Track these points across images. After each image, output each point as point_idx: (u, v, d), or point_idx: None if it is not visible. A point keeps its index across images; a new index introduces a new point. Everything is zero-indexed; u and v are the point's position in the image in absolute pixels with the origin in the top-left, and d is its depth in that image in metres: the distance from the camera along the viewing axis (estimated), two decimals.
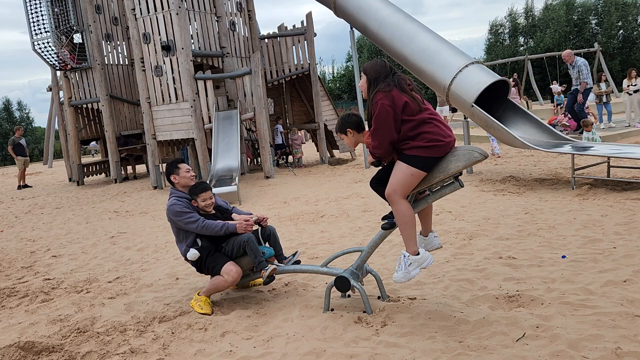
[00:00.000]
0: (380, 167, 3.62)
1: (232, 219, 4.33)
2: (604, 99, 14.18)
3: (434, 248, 3.71)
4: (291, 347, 3.33)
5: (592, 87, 12.24)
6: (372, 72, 3.38)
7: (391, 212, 3.55)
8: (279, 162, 14.25)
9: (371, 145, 3.40)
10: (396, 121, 3.25)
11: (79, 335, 3.79)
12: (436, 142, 3.25)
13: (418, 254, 3.39)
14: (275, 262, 4.23)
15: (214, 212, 4.32)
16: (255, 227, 4.27)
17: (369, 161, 3.61)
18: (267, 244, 4.33)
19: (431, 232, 3.71)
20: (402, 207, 3.35)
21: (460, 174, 3.40)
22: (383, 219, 3.67)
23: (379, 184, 3.55)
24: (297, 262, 4.28)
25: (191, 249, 4.14)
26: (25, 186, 15.51)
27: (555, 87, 21.49)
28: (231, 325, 3.79)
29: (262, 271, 4.01)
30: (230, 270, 4.02)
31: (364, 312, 3.69)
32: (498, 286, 4.04)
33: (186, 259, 4.22)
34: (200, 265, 4.20)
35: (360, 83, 3.49)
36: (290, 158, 14.55)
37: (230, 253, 4.11)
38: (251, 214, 4.42)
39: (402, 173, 3.31)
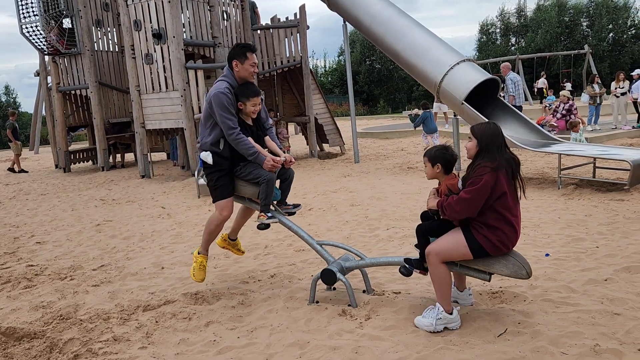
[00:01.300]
0: (432, 216, 3.46)
1: (264, 143, 4.10)
2: (598, 101, 14.33)
3: (466, 305, 3.63)
4: (275, 338, 3.34)
5: (520, 106, 12.50)
6: (482, 138, 3.18)
7: (417, 260, 3.46)
8: None
9: (450, 206, 3.17)
10: (486, 202, 3.11)
11: (62, 322, 3.77)
12: (503, 247, 3.16)
13: (451, 313, 3.29)
14: (275, 205, 4.17)
15: (251, 123, 4.05)
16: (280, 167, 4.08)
17: (428, 206, 3.39)
18: (278, 184, 4.18)
19: (466, 289, 3.65)
20: (441, 270, 3.26)
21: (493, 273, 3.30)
22: (406, 260, 3.55)
23: (424, 234, 3.40)
24: (292, 214, 4.22)
25: (209, 153, 3.90)
26: (22, 171, 15.39)
27: (568, 86, 21.94)
28: (215, 315, 3.79)
29: (262, 214, 3.96)
30: (227, 207, 3.98)
31: (349, 305, 3.71)
32: (482, 282, 4.07)
33: (200, 150, 4.00)
34: (207, 170, 4.02)
35: (469, 146, 3.24)
36: None
37: (243, 175, 3.96)
38: (282, 148, 4.20)
39: (456, 245, 3.20)
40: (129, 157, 16.29)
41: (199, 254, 4.24)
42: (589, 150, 7.80)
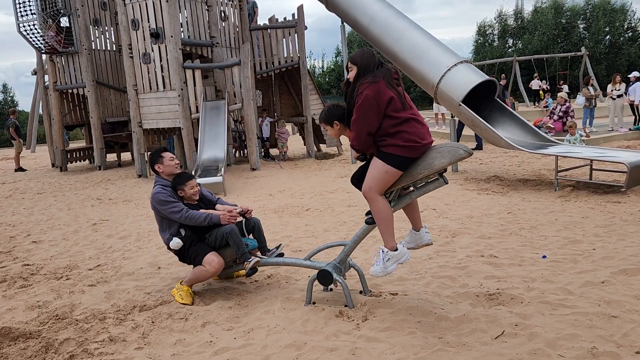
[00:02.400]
0: (363, 163, 3.57)
1: (217, 209, 4.31)
2: (593, 103, 14.37)
3: (424, 243, 3.69)
4: (272, 339, 3.33)
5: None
6: (361, 62, 3.30)
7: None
8: (269, 154, 14.18)
9: (353, 138, 3.33)
10: (378, 114, 3.19)
11: (57, 322, 3.75)
12: (413, 143, 3.23)
13: (396, 249, 3.39)
14: (259, 254, 4.23)
15: (197, 202, 4.29)
16: (240, 218, 4.25)
17: (354, 156, 3.57)
18: (251, 236, 4.32)
19: (422, 227, 3.69)
20: (379, 203, 3.35)
21: (445, 170, 3.40)
22: (367, 214, 3.65)
23: (360, 180, 3.50)
24: (281, 255, 4.28)
25: (174, 238, 4.12)
26: (20, 169, 15.36)
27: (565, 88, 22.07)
28: (212, 315, 3.78)
29: (245, 263, 4.00)
30: (212, 260, 4.01)
31: (346, 306, 3.70)
32: (479, 284, 4.08)
33: (169, 248, 4.19)
34: (183, 255, 4.18)
35: (350, 74, 3.37)
36: (276, 151, 14.49)
37: (213, 244, 4.10)
38: (236, 205, 4.40)
39: (378, 170, 3.30)
40: (126, 156, 16.25)
41: (182, 284, 4.21)
42: (586, 152, 7.81)
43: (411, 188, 3.55)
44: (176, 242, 4.10)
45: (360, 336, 3.27)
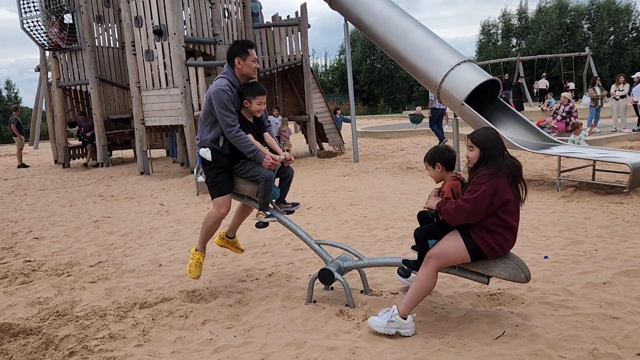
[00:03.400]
0: (429, 217, 3.44)
1: (263, 140, 4.08)
2: (599, 103, 14.31)
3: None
4: (272, 337, 3.33)
5: (442, 109, 13.00)
6: (485, 146, 3.13)
7: (415, 261, 3.44)
8: None
9: (447, 212, 3.13)
10: (487, 211, 3.06)
11: (58, 319, 3.75)
12: (501, 250, 3.14)
13: (406, 319, 3.25)
14: (273, 203, 4.15)
15: (252, 121, 4.05)
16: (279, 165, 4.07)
17: (427, 205, 3.34)
18: (277, 183, 4.16)
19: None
20: (431, 275, 3.22)
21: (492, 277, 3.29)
22: (404, 261, 3.54)
23: (423, 238, 3.36)
24: (290, 213, 4.21)
25: (208, 150, 3.89)
26: (23, 165, 15.39)
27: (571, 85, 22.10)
28: (212, 313, 3.78)
29: (260, 213, 3.95)
30: (225, 204, 3.97)
31: (346, 305, 3.70)
32: (480, 284, 4.06)
33: (199, 147, 4.01)
34: (206, 167, 4.02)
35: (472, 155, 3.18)
36: None
37: (242, 173, 3.96)
38: (282, 151, 4.16)
39: (455, 249, 3.16)
40: (128, 153, 16.28)
41: (196, 250, 4.23)
42: (589, 153, 7.79)
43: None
44: (206, 152, 3.88)
45: (360, 335, 3.26)
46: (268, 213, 3.97)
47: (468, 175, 3.25)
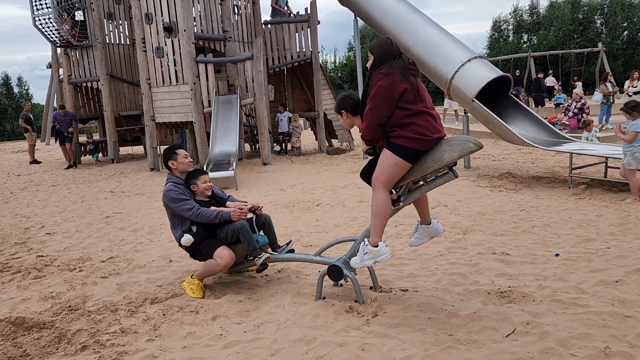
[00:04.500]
0: (372, 157, 3.55)
1: (227, 207, 4.32)
2: (611, 100, 14.14)
3: (439, 233, 3.72)
4: (281, 333, 3.34)
5: None
6: (378, 51, 3.29)
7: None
8: (286, 149, 14.17)
9: (364, 129, 3.33)
10: (390, 105, 3.18)
11: (70, 313, 3.79)
12: (423, 136, 3.20)
13: (377, 246, 3.36)
14: (269, 250, 4.23)
15: (209, 199, 4.31)
16: (250, 215, 4.26)
17: (362, 149, 3.54)
18: (261, 232, 4.32)
19: (432, 219, 3.69)
20: (381, 196, 3.33)
21: (455, 164, 3.36)
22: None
23: (369, 174, 3.48)
24: (292, 251, 4.28)
25: (185, 235, 4.15)
26: (35, 162, 15.51)
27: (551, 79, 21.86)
28: (222, 309, 3.80)
29: (256, 259, 4.01)
30: (223, 254, 4.02)
31: (356, 301, 3.69)
32: (490, 281, 4.05)
33: (180, 245, 4.21)
34: (194, 251, 4.20)
35: (369, 64, 3.34)
36: (289, 146, 14.50)
37: (224, 240, 4.12)
38: (246, 202, 4.41)
39: (387, 161, 3.28)
40: (139, 149, 16.37)
41: (192, 277, 4.23)
42: (601, 150, 7.71)
43: (421, 182, 3.53)
44: (187, 239, 4.13)
45: (370, 332, 3.26)
46: (260, 255, 4.03)
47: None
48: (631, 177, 6.56)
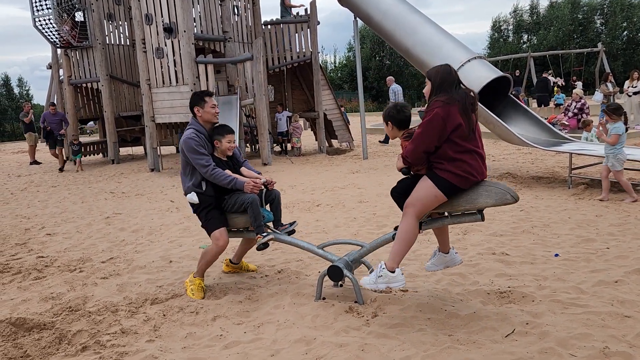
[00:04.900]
0: (404, 177, 3.48)
1: (241, 173, 4.22)
2: (611, 100, 14.15)
3: (456, 264, 3.69)
4: (281, 334, 3.35)
5: None
6: (436, 78, 3.24)
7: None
8: (285, 149, 14.17)
9: (408, 150, 3.24)
10: (441, 136, 3.11)
11: (71, 314, 3.80)
12: (470, 175, 3.15)
13: (393, 272, 3.32)
14: (272, 227, 4.20)
15: (227, 159, 4.20)
16: (262, 188, 4.16)
17: (397, 166, 3.42)
18: (268, 207, 4.24)
19: (451, 249, 3.66)
20: (412, 223, 3.27)
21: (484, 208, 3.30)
22: (396, 228, 3.57)
23: (402, 197, 3.40)
24: (292, 232, 4.25)
25: (193, 193, 4.04)
26: (35, 162, 15.51)
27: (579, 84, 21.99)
28: (222, 309, 3.80)
29: (258, 236, 3.99)
30: (219, 237, 4.01)
31: (356, 302, 3.70)
32: (490, 282, 4.05)
33: (185, 195, 4.14)
34: (197, 210, 4.13)
35: (425, 89, 3.29)
36: (289, 146, 14.51)
37: (230, 208, 4.05)
38: (260, 174, 4.30)
39: (426, 191, 3.22)
40: (139, 150, 16.38)
41: (194, 277, 4.22)
42: (601, 150, 7.71)
43: (445, 214, 3.48)
44: (193, 198, 4.03)
45: (369, 332, 3.27)
46: (264, 234, 4.01)
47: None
48: (620, 178, 6.57)
